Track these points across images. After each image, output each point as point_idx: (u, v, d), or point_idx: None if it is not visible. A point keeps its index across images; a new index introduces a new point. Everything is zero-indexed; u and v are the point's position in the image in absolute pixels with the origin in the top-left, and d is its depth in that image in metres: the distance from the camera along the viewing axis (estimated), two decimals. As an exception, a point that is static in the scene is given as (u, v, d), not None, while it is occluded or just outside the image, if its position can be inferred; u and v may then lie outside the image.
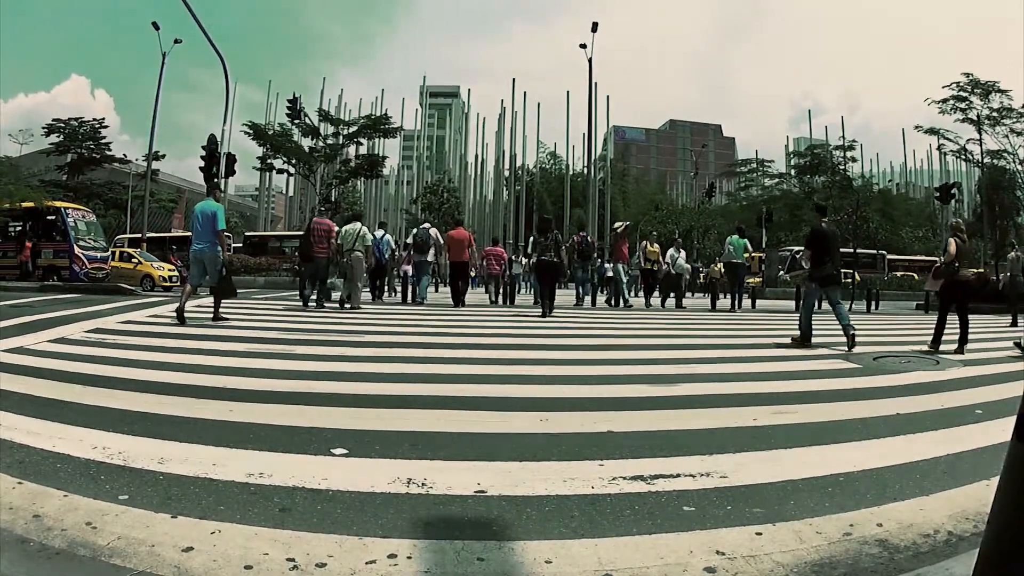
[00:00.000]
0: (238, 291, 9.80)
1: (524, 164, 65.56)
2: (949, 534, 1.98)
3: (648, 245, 15.10)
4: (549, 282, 10.88)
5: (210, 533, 1.87)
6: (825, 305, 7.91)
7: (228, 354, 5.50)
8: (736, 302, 14.49)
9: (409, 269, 14.76)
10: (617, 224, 16.89)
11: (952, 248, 7.38)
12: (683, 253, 16.09)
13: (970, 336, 7.23)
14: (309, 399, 3.78)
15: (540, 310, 10.73)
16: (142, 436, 2.86)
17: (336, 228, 11.64)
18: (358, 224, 11.91)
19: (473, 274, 17.86)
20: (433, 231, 13.15)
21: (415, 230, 13.84)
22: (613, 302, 14.97)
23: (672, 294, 15.66)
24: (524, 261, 16.06)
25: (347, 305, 11.31)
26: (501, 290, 15.69)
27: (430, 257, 13.04)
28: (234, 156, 17.88)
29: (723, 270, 16.63)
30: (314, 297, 11.34)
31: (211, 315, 8.33)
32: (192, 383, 4.13)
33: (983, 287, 18.12)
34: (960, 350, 6.93)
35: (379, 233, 14.02)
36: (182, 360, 5.04)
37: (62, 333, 6.56)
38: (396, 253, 16.31)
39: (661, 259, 15.13)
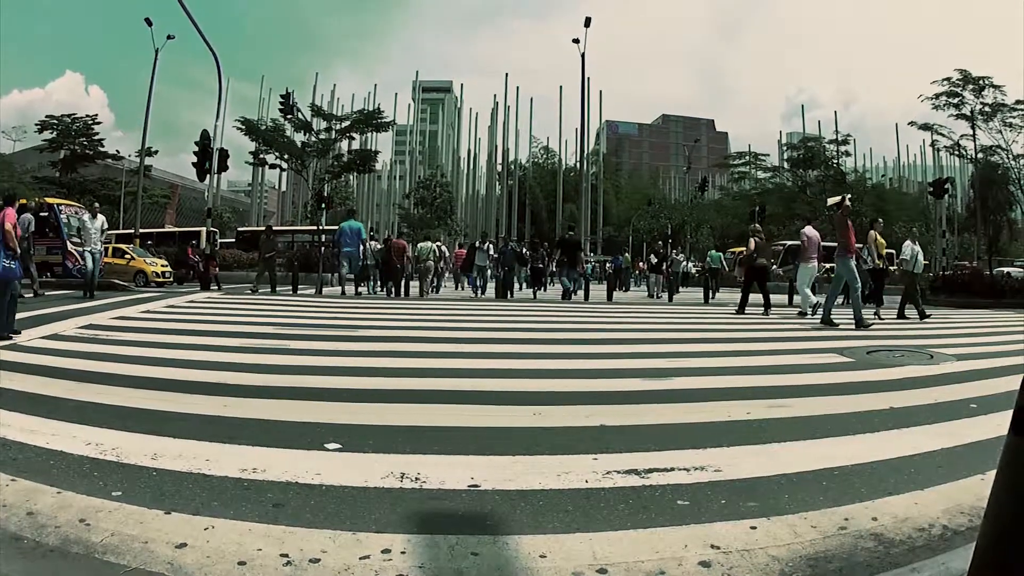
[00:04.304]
0: (235, 286, 10.73)
1: (517, 159, 65.49)
2: (944, 528, 1.98)
3: (877, 236, 11.58)
4: (537, 279, 17.76)
5: (203, 529, 1.86)
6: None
7: (222, 349, 5.48)
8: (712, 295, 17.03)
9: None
10: (832, 200, 10.57)
11: (751, 245, 11.12)
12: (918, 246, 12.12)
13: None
14: (303, 394, 3.78)
15: (531, 296, 16.09)
16: (136, 432, 2.84)
17: (407, 244, 16.41)
18: (430, 243, 16.51)
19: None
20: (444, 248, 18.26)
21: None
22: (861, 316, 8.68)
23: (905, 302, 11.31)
24: (489, 247, 17.09)
25: (379, 291, 15.29)
26: (465, 281, 20.08)
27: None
28: (227, 151, 17.79)
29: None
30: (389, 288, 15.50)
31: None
32: (186, 379, 4.11)
33: (978, 282, 18.28)
34: (766, 313, 10.56)
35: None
36: (176, 356, 5.01)
37: (55, 329, 6.52)
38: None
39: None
